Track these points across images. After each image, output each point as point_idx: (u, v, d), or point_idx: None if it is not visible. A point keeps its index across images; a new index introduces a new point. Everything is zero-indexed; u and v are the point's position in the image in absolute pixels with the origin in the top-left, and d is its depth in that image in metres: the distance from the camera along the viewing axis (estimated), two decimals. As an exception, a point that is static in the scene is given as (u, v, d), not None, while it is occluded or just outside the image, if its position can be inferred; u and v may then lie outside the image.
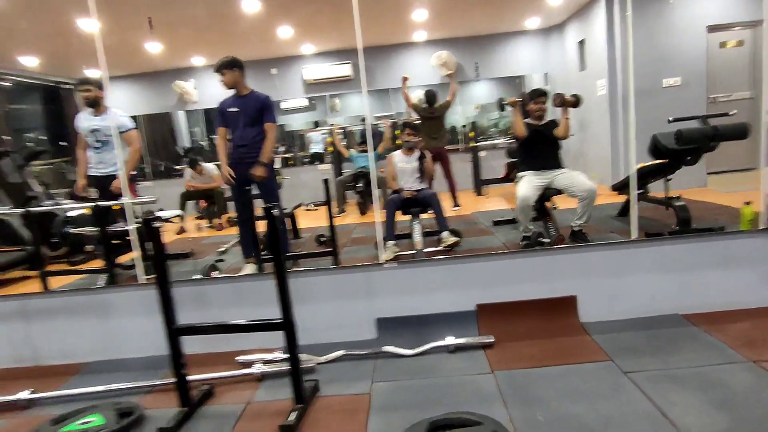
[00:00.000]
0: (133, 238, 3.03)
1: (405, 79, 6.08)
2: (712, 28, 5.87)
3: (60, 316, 2.86)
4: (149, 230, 2.09)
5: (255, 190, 3.72)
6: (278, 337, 2.17)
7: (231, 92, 3.65)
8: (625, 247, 2.77)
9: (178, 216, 5.39)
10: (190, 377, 2.22)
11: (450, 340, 2.52)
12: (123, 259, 3.96)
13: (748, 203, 3.23)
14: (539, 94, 3.79)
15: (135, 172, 4.27)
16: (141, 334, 2.76)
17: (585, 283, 2.72)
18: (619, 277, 2.72)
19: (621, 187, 4.52)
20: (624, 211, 4.47)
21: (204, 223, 6.36)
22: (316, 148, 8.83)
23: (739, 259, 2.68)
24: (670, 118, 3.85)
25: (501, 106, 3.99)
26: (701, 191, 5.29)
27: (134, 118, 8.06)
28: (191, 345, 2.29)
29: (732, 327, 2.45)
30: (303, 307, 2.41)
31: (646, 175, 3.98)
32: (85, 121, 3.88)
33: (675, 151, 3.69)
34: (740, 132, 3.56)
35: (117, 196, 3.76)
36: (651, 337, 2.44)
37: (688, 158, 3.76)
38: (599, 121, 6.47)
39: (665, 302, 2.67)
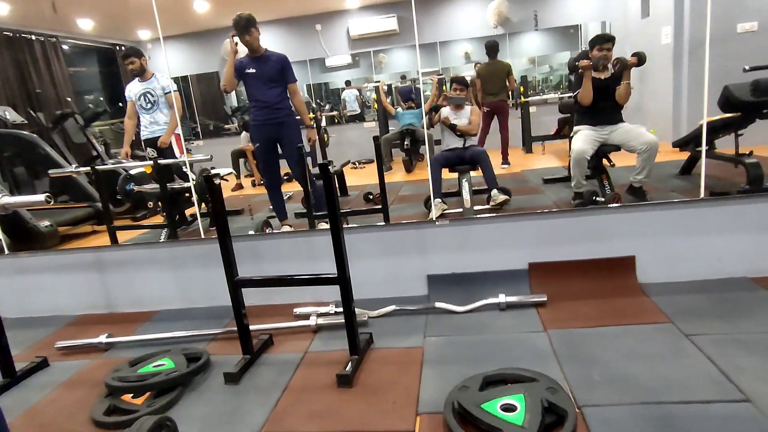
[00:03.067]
0: (193, 195, 3.15)
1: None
2: (799, -35, 5.26)
3: (130, 267, 3.06)
4: (210, 186, 2.16)
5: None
6: (332, 291, 2.23)
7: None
8: (690, 206, 2.63)
9: (231, 173, 5.55)
10: (251, 327, 2.33)
11: (501, 298, 2.51)
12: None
13: (831, 160, 2.97)
14: (605, 40, 3.54)
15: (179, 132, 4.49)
16: (204, 285, 2.92)
17: (644, 243, 2.62)
18: (682, 237, 2.59)
19: (683, 144, 4.26)
20: (687, 169, 4.23)
21: (256, 179, 6.53)
22: (351, 108, 8.71)
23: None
24: (746, 67, 3.54)
25: (573, 67, 3.61)
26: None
27: (185, 78, 8.27)
28: (250, 297, 2.40)
29: (807, 291, 2.32)
30: (355, 263, 2.46)
31: (714, 130, 3.71)
32: (134, 86, 4.16)
33: (750, 104, 3.42)
34: (828, 81, 3.24)
35: (164, 150, 3.96)
36: (716, 300, 2.35)
37: (765, 111, 3.48)
38: (662, 72, 6.04)
39: (733, 265, 2.54)
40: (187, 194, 3.80)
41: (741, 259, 2.54)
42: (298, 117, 3.66)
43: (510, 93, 5.89)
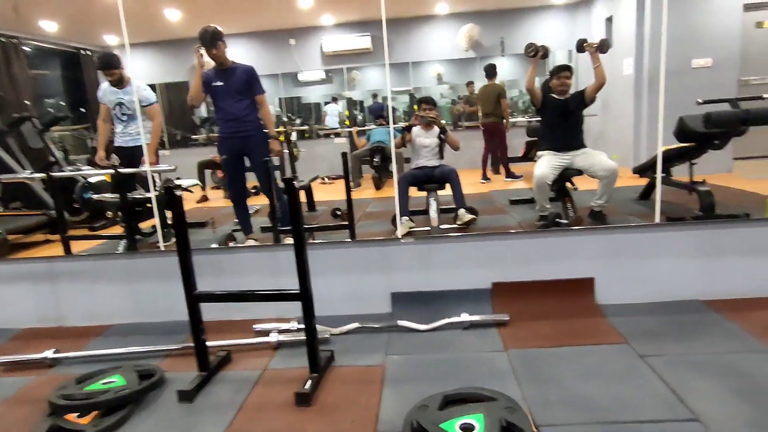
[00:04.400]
0: (154, 205, 3.06)
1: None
2: (749, 7, 5.64)
3: (83, 279, 2.93)
4: (171, 198, 2.10)
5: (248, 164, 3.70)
6: (294, 307, 2.19)
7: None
8: (646, 231, 2.73)
9: (196, 185, 5.44)
10: (208, 343, 2.26)
11: (464, 317, 2.52)
12: (143, 225, 4.02)
13: (775, 190, 3.14)
14: (563, 69, 3.70)
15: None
16: (161, 299, 2.82)
17: (603, 265, 2.69)
18: (638, 260, 2.68)
19: (643, 170, 4.43)
20: (645, 194, 4.40)
21: (221, 193, 6.41)
22: (331, 122, 8.75)
23: (764, 247, 2.62)
24: (699, 100, 3.74)
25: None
26: (726, 177, 5.17)
27: (152, 86, 8.12)
28: (209, 312, 2.33)
29: (754, 315, 2.42)
30: (318, 279, 2.43)
31: (670, 159, 3.89)
32: (110, 94, 3.93)
33: (702, 135, 3.59)
34: (772, 116, 3.44)
35: (134, 158, 3.83)
36: (670, 322, 2.42)
37: (716, 142, 3.66)
38: (623, 101, 6.31)
39: (686, 288, 2.63)
40: (148, 204, 3.70)
41: (693, 282, 2.64)
42: (266, 130, 3.63)
43: (503, 114, 6.15)
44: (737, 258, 2.63)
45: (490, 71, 6.29)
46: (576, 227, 3.19)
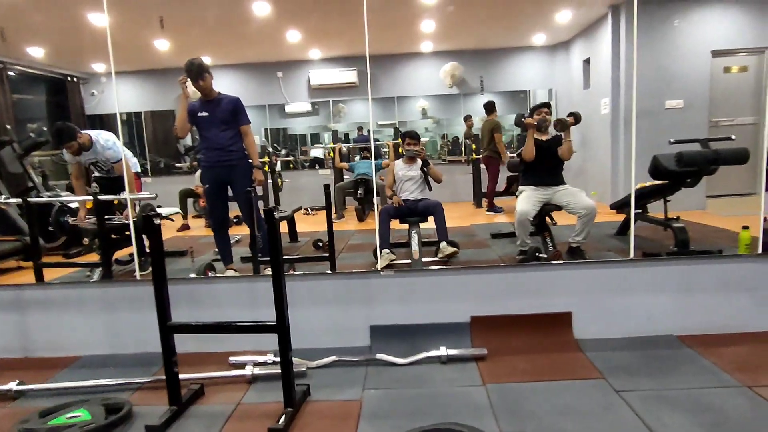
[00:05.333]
0: (132, 233, 3.02)
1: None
2: (717, 53, 5.92)
3: (53, 308, 2.85)
4: (148, 226, 2.09)
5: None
6: (271, 340, 2.16)
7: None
8: (622, 266, 2.78)
9: (177, 213, 5.39)
10: (181, 375, 2.20)
11: (443, 351, 2.51)
12: (120, 254, 3.96)
13: (746, 228, 3.24)
14: (542, 105, 3.82)
15: (140, 170, 4.31)
16: (134, 330, 2.75)
17: (581, 300, 2.72)
18: (615, 295, 2.71)
19: (620, 206, 4.53)
20: (622, 230, 4.48)
21: (203, 222, 6.36)
22: (316, 152, 8.84)
23: (736, 283, 2.68)
24: (672, 140, 3.88)
25: (519, 122, 3.86)
26: (700, 214, 5.31)
27: (137, 114, 8.13)
28: (184, 343, 2.28)
29: (727, 351, 2.45)
30: (297, 310, 2.41)
31: (645, 196, 3.99)
32: (75, 158, 3.85)
33: (675, 173, 3.71)
34: (741, 157, 3.58)
35: (118, 191, 3.76)
36: (645, 357, 2.44)
37: (688, 180, 3.78)
38: (601, 139, 6.50)
39: (661, 323, 2.67)
40: (126, 232, 3.64)
41: (668, 317, 2.68)
42: (250, 160, 3.65)
43: (498, 147, 6.43)
44: (710, 294, 2.68)
45: (489, 108, 6.64)
46: (555, 262, 3.22)
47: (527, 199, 3.68)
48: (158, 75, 7.95)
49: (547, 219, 3.91)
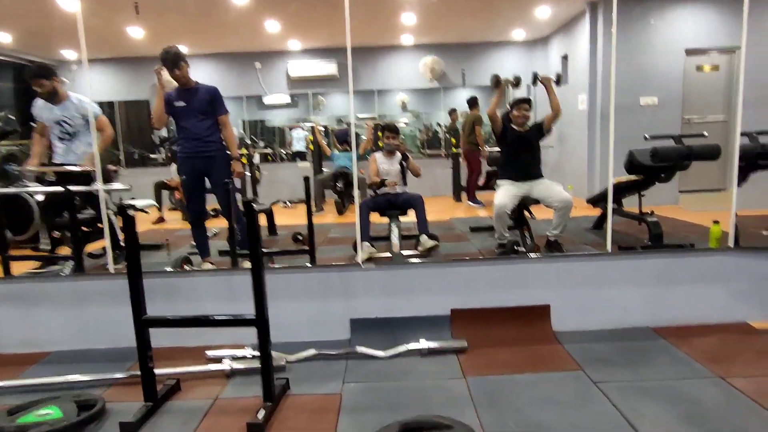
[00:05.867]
0: (105, 225, 2.93)
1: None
2: (690, 52, 6.06)
3: (22, 303, 2.75)
4: (123, 218, 2.02)
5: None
6: (249, 334, 2.12)
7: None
8: (599, 259, 2.82)
9: (153, 205, 5.27)
10: (157, 371, 2.15)
11: (423, 344, 2.51)
12: (91, 247, 3.84)
13: (716, 222, 3.33)
14: (523, 101, 3.84)
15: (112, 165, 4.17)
16: (108, 324, 2.67)
17: (559, 293, 2.75)
18: (592, 288, 2.76)
19: (596, 201, 4.61)
20: (598, 224, 4.56)
21: (179, 215, 6.23)
22: (297, 146, 8.75)
23: (708, 276, 2.75)
24: (647, 136, 3.95)
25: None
26: (673, 208, 5.44)
27: (110, 103, 7.89)
28: (160, 338, 2.23)
29: (700, 342, 2.51)
30: (276, 304, 2.37)
31: (621, 190, 4.07)
32: (45, 110, 3.60)
33: (650, 168, 3.79)
34: (712, 153, 3.68)
35: (88, 181, 3.62)
36: (621, 348, 2.49)
37: (662, 175, 3.87)
38: (578, 135, 6.60)
39: (636, 315, 2.72)
40: (99, 225, 3.54)
41: (643, 309, 2.73)
42: (228, 151, 3.58)
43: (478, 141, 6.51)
44: (683, 286, 2.74)
45: (472, 103, 6.71)
46: (533, 255, 3.26)
47: (505, 193, 3.70)
48: (133, 63, 7.73)
49: (526, 213, 3.95)
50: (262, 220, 4.69)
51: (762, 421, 1.84)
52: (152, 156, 8.30)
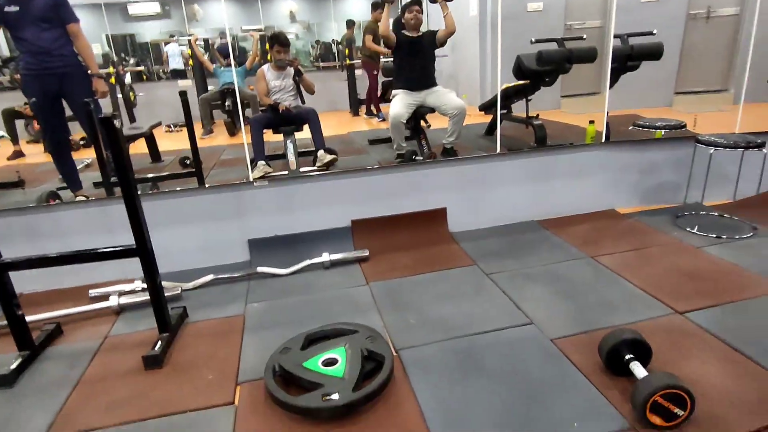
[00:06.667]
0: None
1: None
2: (572, -44, 6.15)
3: None
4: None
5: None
6: (138, 266, 1.95)
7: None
8: (489, 161, 2.93)
9: (2, 138, 4.52)
10: (31, 317, 1.93)
11: (325, 257, 2.50)
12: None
13: (591, 122, 3.58)
14: (413, 3, 3.69)
15: None
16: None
17: (454, 196, 2.85)
18: (484, 189, 2.89)
19: (487, 107, 4.74)
20: (490, 130, 4.72)
21: (40, 147, 5.43)
22: (174, 63, 7.84)
23: (584, 170, 3.00)
24: (533, 39, 4.04)
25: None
26: (556, 112, 5.79)
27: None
28: (31, 282, 1.98)
29: (576, 229, 2.78)
30: (165, 231, 2.20)
31: (509, 96, 4.19)
32: None
33: (536, 72, 3.91)
34: (590, 55, 3.88)
35: None
36: (511, 242, 2.68)
37: (547, 79, 4.03)
38: (470, 42, 6.61)
39: (524, 211, 2.93)
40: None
41: (529, 205, 2.94)
42: (87, 68, 3.07)
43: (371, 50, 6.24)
44: (563, 180, 2.97)
45: (375, 5, 6.29)
46: (429, 161, 3.31)
47: (400, 103, 3.65)
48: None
49: (422, 122, 3.95)
50: (142, 145, 4.24)
51: (620, 288, 2.12)
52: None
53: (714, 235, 2.60)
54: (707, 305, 1.94)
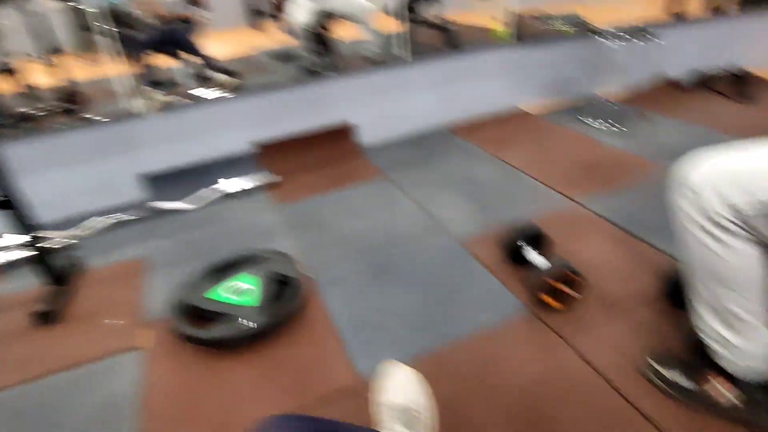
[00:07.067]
0: None
1: None
2: None
3: None
4: None
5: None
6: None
7: None
8: (398, 69, 2.81)
9: None
10: None
11: (227, 185, 2.37)
12: None
13: (501, 24, 3.50)
14: None
15: None
16: None
17: (363, 109, 2.74)
18: (395, 99, 2.79)
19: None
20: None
21: None
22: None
23: (492, 71, 2.97)
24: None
25: None
26: (468, 14, 5.62)
27: None
28: None
29: (484, 133, 2.80)
30: (39, 177, 1.96)
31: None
32: None
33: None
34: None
35: None
36: (420, 151, 2.66)
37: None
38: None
39: (435, 119, 2.89)
40: None
41: (440, 113, 2.90)
42: None
43: None
44: (472, 84, 2.94)
45: None
46: (334, 73, 3.13)
47: (302, 10, 3.35)
48: None
49: (327, 32, 3.69)
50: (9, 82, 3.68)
51: (523, 184, 2.21)
52: None
53: (610, 126, 2.72)
54: (600, 192, 2.06)
